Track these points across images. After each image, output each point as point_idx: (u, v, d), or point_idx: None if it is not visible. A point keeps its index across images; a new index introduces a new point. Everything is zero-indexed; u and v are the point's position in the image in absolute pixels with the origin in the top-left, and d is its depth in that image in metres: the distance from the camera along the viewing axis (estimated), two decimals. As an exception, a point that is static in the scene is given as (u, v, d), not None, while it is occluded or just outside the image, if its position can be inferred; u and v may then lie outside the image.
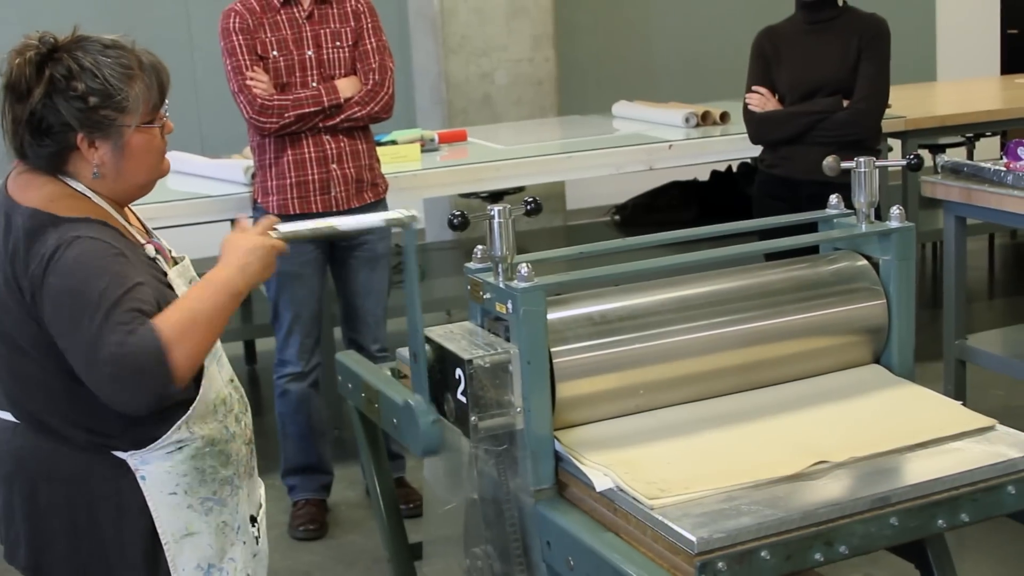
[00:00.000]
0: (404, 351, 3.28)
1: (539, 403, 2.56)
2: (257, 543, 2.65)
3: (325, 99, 4.39)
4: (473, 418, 2.54)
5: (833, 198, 3.07)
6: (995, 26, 10.24)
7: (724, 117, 6.06)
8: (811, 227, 3.12)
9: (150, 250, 2.50)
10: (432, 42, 7.83)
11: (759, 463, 2.50)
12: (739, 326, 2.79)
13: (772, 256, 3.30)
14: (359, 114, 4.44)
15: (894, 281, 2.91)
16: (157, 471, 2.45)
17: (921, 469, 2.51)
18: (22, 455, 2.47)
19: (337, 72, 4.47)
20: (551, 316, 2.62)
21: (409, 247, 2.62)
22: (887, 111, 4.82)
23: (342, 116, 4.41)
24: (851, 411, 2.76)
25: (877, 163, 2.95)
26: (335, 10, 4.49)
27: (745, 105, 4.82)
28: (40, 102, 2.35)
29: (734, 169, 7.28)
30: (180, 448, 2.46)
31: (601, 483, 2.49)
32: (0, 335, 2.43)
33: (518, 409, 2.56)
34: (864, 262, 2.96)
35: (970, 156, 7.57)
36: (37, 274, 2.32)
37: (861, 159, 2.94)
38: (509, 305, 2.57)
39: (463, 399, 2.56)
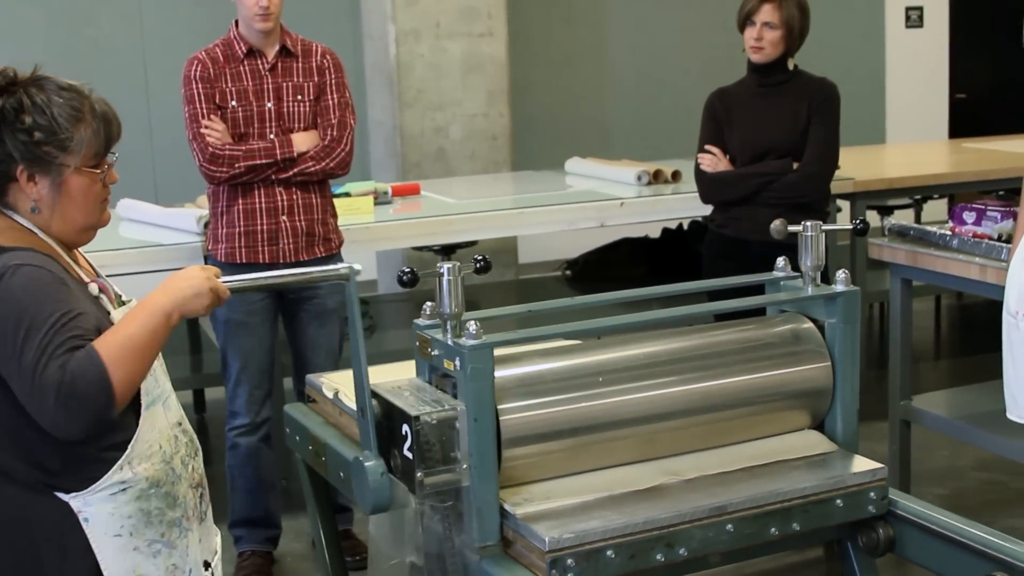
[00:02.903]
0: (314, 378, 3.37)
1: (485, 460, 2.57)
2: None
3: (278, 152, 4.39)
4: (419, 474, 2.54)
5: (780, 260, 3.10)
6: (943, 91, 10.39)
7: (675, 176, 6.10)
8: (760, 287, 3.15)
9: (93, 288, 2.52)
10: (388, 95, 7.87)
11: (618, 479, 2.74)
12: (682, 387, 2.82)
13: (721, 316, 3.33)
14: (313, 168, 4.44)
15: (839, 344, 2.94)
16: (100, 513, 2.45)
17: (759, 484, 2.76)
18: None
19: (296, 126, 4.47)
20: (498, 374, 2.63)
21: (350, 300, 2.64)
22: (836, 173, 4.88)
23: (296, 170, 4.42)
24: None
25: (824, 227, 2.99)
26: (300, 64, 4.50)
27: (697, 165, 4.87)
28: None
29: (685, 227, 7.33)
30: (124, 489, 2.46)
31: None
32: None
33: (464, 466, 2.57)
34: (810, 325, 2.99)
35: (917, 218, 7.66)
36: None
37: (808, 223, 2.97)
38: (457, 362, 2.58)
39: (409, 455, 2.56)
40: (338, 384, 3.25)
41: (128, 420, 2.48)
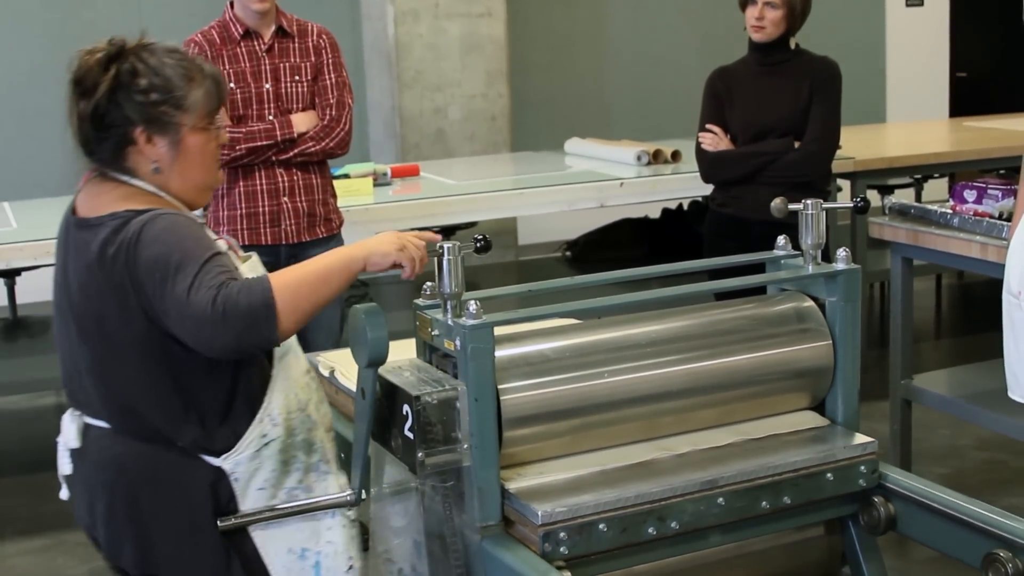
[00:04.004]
0: (311, 356, 3.34)
1: (486, 440, 2.57)
2: (353, 526, 2.71)
3: (278, 133, 4.38)
4: (420, 454, 2.54)
5: (781, 239, 3.09)
6: (944, 70, 10.37)
7: (675, 156, 6.09)
8: (760, 266, 3.14)
9: (221, 245, 2.57)
10: (387, 76, 7.85)
11: (611, 455, 2.76)
12: (684, 366, 2.81)
13: (721, 295, 3.32)
14: (313, 149, 4.44)
15: (840, 322, 2.93)
16: (248, 471, 2.54)
17: (750, 458, 2.78)
18: (123, 461, 2.55)
19: (295, 106, 4.47)
20: (499, 354, 2.62)
21: None
22: (837, 152, 4.86)
23: (296, 150, 4.41)
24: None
25: (824, 205, 2.97)
26: (296, 44, 4.49)
27: (698, 144, 4.85)
28: (104, 97, 2.47)
29: (685, 207, 7.32)
30: (266, 444, 2.54)
31: None
32: (103, 343, 2.50)
33: (465, 446, 2.57)
34: (810, 303, 2.98)
35: (918, 197, 7.65)
36: (131, 256, 2.41)
37: (808, 201, 2.96)
38: (457, 342, 2.58)
39: (410, 435, 2.56)
40: (335, 362, 3.25)
41: (264, 372, 2.55)
